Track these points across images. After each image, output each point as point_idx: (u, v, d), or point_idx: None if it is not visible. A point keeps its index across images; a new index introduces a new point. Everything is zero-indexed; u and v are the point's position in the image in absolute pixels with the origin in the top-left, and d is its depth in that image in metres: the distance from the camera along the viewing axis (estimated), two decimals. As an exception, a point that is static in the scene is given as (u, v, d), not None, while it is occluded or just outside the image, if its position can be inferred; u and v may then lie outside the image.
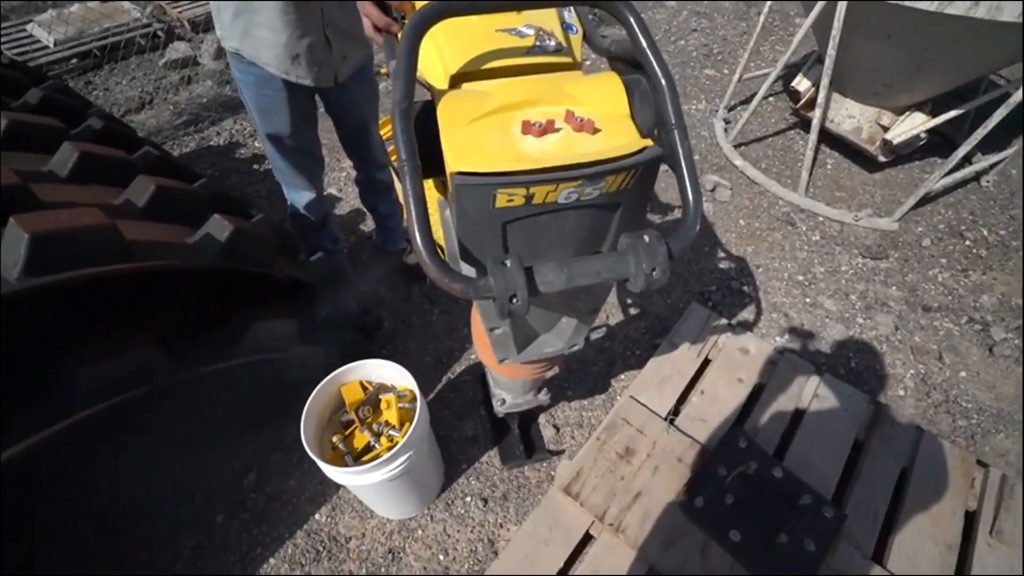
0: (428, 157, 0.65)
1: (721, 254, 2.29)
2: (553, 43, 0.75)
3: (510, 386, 1.32)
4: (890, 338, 1.98)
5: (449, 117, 0.65)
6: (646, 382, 1.66)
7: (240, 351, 1.22)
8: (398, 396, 1.40)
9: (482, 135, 0.63)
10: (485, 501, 1.58)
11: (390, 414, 1.38)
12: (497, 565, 1.35)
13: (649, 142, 0.63)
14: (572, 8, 0.94)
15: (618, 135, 0.65)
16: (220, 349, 1.20)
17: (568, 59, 0.75)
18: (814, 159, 2.51)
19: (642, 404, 1.59)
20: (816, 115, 2.37)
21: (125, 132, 1.71)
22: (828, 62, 2.21)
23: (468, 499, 1.59)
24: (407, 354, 1.94)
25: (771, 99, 3.21)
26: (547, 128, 0.64)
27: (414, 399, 1.33)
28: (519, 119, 0.64)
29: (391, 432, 1.34)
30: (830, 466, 1.47)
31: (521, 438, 1.65)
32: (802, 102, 2.72)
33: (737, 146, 2.82)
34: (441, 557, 1.49)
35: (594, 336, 2.01)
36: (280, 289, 1.39)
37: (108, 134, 1.56)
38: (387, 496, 1.41)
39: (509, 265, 0.56)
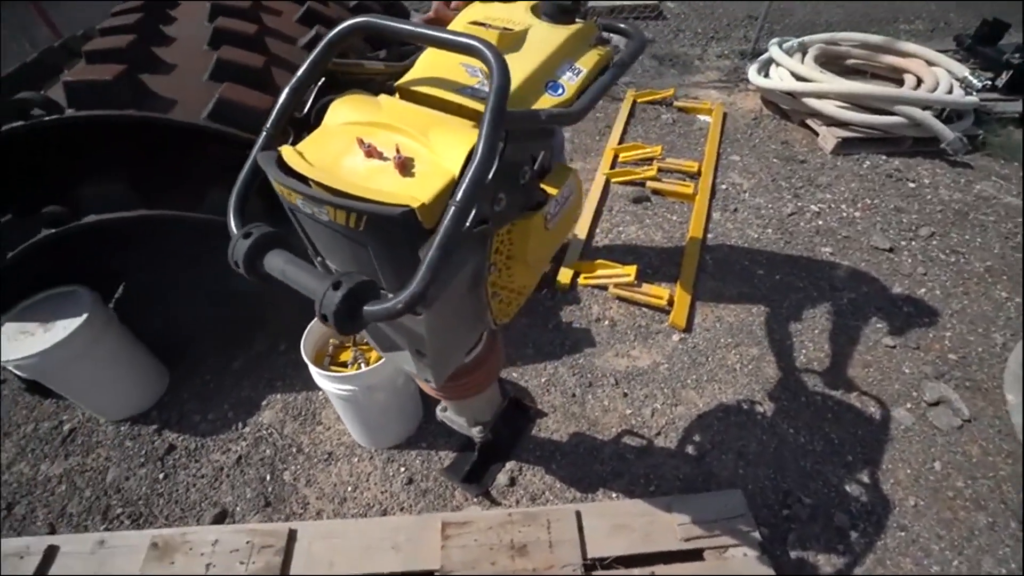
0: None
1: (864, 478, 1.64)
2: (486, 90, 0.72)
3: (446, 396, 1.33)
4: None
5: (334, 113, 0.72)
6: (604, 513, 1.41)
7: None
8: (389, 344, 1.57)
9: (333, 136, 0.69)
10: (411, 481, 1.65)
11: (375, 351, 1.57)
12: (341, 525, 1.44)
13: (417, 203, 0.58)
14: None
15: (413, 186, 0.62)
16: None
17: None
18: None
19: (579, 526, 1.37)
20: None
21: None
22: None
23: (402, 469, 1.68)
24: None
25: None
26: (372, 152, 0.65)
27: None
28: (363, 136, 0.67)
29: (363, 365, 1.53)
30: None
31: (475, 463, 1.63)
32: None
33: (1037, 379, 1.86)
34: (349, 490, 1.65)
35: (632, 442, 1.75)
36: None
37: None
38: (341, 412, 1.63)
39: (248, 237, 0.64)
